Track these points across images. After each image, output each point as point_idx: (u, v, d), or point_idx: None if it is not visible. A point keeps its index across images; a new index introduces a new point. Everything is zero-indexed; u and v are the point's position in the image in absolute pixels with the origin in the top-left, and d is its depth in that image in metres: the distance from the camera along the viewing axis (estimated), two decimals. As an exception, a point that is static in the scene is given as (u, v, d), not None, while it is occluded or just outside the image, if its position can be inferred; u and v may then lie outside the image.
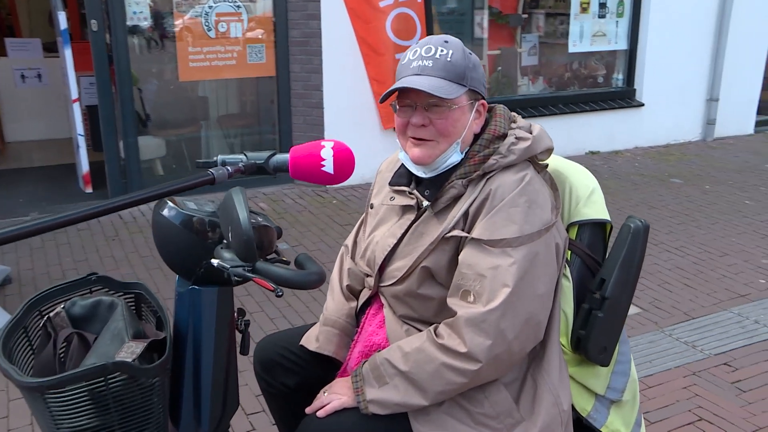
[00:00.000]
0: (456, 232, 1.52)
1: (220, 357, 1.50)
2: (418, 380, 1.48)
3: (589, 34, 6.83)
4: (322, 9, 5.37)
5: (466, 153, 1.58)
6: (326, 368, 1.80)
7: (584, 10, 6.75)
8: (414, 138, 1.57)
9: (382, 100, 1.66)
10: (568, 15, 6.72)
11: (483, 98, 1.61)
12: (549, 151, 1.61)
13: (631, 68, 7.07)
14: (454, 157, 1.57)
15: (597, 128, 6.84)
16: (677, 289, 3.86)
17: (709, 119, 7.49)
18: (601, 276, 1.62)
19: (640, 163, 6.68)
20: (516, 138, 1.56)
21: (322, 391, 1.62)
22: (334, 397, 1.57)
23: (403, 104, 1.57)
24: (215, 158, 1.46)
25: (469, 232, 1.50)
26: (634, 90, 7.09)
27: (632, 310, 3.58)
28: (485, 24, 6.56)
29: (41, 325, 1.49)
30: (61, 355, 1.45)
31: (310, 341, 1.80)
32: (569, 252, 1.66)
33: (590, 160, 6.65)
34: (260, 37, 5.60)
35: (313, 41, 5.45)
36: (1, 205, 5.25)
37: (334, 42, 5.39)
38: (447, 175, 1.58)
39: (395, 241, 1.64)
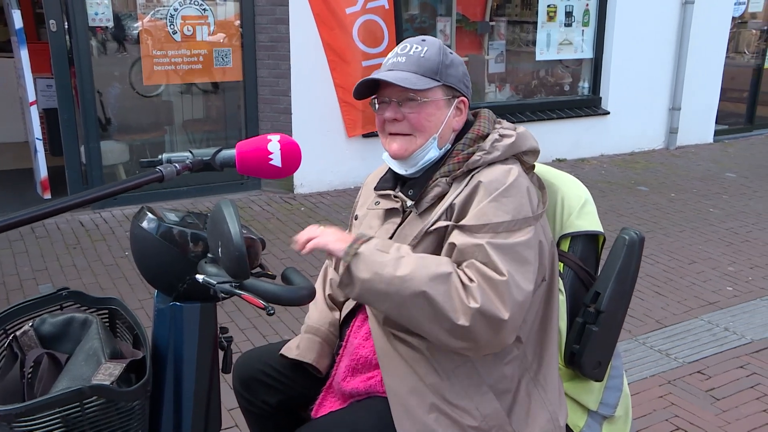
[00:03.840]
0: (439, 224, 1.49)
1: (203, 376, 1.42)
2: (418, 264, 1.39)
3: (555, 42, 6.88)
4: (290, 13, 5.29)
5: (449, 151, 1.58)
6: (309, 385, 1.73)
7: (551, 18, 6.80)
8: (391, 133, 1.58)
9: (359, 98, 1.63)
10: (535, 23, 6.76)
11: (464, 96, 1.60)
12: (534, 152, 1.60)
13: (597, 77, 7.15)
14: (432, 152, 1.57)
15: (563, 136, 6.89)
16: (648, 297, 3.88)
17: (672, 128, 7.61)
18: (596, 289, 1.59)
19: (606, 170, 6.74)
20: (500, 135, 1.56)
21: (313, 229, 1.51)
22: (326, 238, 1.46)
23: (380, 101, 1.59)
24: (160, 157, 1.40)
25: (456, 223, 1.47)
26: (600, 98, 7.17)
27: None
28: (451, 31, 6.55)
29: (6, 344, 1.40)
30: (29, 378, 1.35)
31: (291, 349, 1.75)
32: (561, 264, 1.62)
33: (557, 167, 6.55)
34: (227, 41, 5.49)
35: (281, 46, 5.37)
36: (-46, 212, 5.05)
37: (303, 47, 5.32)
38: (430, 174, 1.57)
39: None
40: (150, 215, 1.37)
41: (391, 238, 1.58)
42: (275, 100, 5.53)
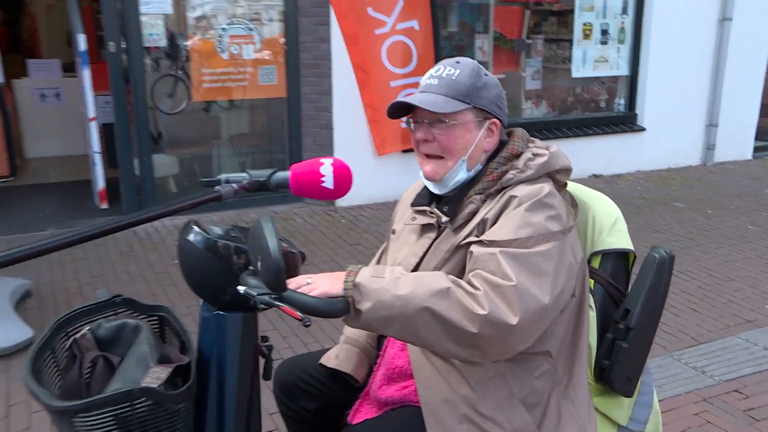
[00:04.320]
0: (470, 239, 1.49)
1: (244, 382, 1.46)
2: (415, 283, 1.37)
3: (591, 59, 6.84)
4: (332, 33, 5.37)
5: (483, 170, 1.59)
6: (346, 393, 1.76)
7: (586, 36, 6.77)
8: (425, 154, 1.60)
9: (393, 118, 1.66)
10: (571, 41, 6.73)
11: (496, 118, 1.60)
12: (567, 171, 1.60)
13: (633, 93, 7.07)
14: (461, 174, 1.58)
15: (599, 152, 6.83)
16: (684, 314, 3.81)
17: (709, 144, 7.47)
18: (626, 306, 1.59)
19: (642, 186, 6.65)
20: (533, 154, 1.57)
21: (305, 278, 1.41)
22: (322, 287, 1.37)
23: (414, 121, 1.61)
24: (218, 177, 1.45)
25: None
26: (636, 115, 7.08)
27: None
28: (488, 48, 6.57)
29: (68, 346, 1.46)
30: (87, 378, 1.41)
31: (330, 359, 1.78)
32: (592, 281, 1.62)
33: (593, 183, 6.63)
34: (272, 59, 5.60)
35: (323, 64, 5.45)
36: (19, 220, 5.24)
37: (344, 65, 5.38)
38: (465, 191, 1.58)
39: (417, 260, 1.61)
40: (196, 229, 1.42)
41: (426, 252, 1.61)
42: (317, 116, 5.61)
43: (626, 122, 7.05)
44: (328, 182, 1.45)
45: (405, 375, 1.63)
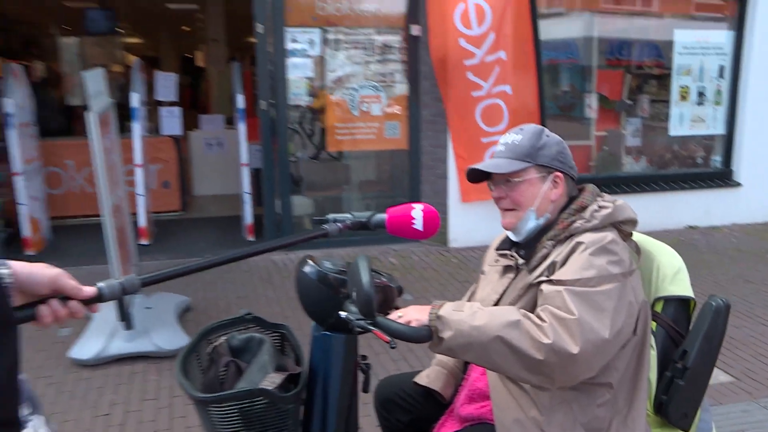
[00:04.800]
0: (541, 279, 1.56)
1: (345, 392, 1.59)
2: (490, 316, 1.45)
3: (688, 119, 6.60)
4: (450, 94, 5.54)
5: (555, 220, 1.66)
6: (435, 409, 1.85)
7: (683, 98, 6.55)
8: (502, 208, 1.71)
9: (474, 182, 1.76)
10: (668, 102, 6.56)
11: (559, 171, 1.67)
12: (632, 222, 1.63)
13: (729, 151, 6.72)
14: (531, 222, 1.67)
15: (695, 205, 6.52)
16: (774, 362, 3.58)
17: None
18: (684, 348, 1.59)
19: (737, 238, 6.25)
20: (599, 206, 1.62)
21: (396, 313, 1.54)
22: (410, 315, 1.51)
23: (493, 183, 1.73)
24: (327, 216, 1.56)
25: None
26: (731, 171, 6.72)
27: (724, 377, 3.35)
28: (594, 107, 6.53)
29: (208, 351, 1.67)
30: (221, 377, 1.61)
31: (422, 378, 1.89)
32: (654, 324, 1.64)
33: (689, 234, 6.31)
34: (396, 116, 5.85)
35: (440, 120, 5.62)
36: (185, 247, 5.74)
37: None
38: (539, 238, 1.66)
39: (497, 297, 1.70)
40: (311, 263, 1.58)
41: (505, 290, 1.69)
42: (434, 166, 5.78)
43: (722, 178, 6.70)
44: (418, 224, 1.55)
45: (484, 396, 1.70)
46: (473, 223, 5.68)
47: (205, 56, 12.41)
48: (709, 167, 6.91)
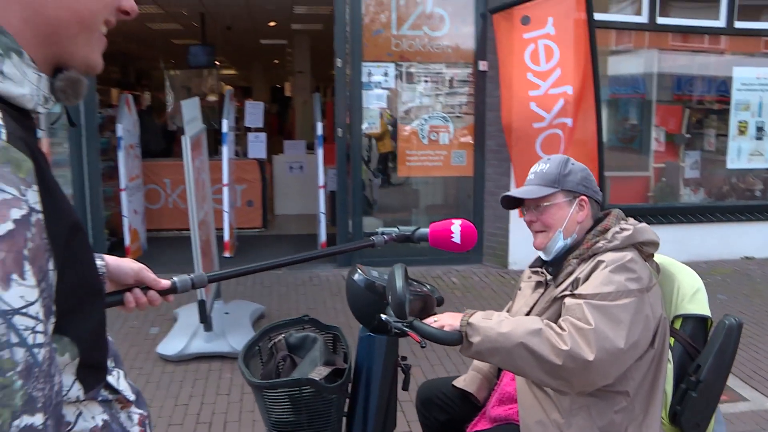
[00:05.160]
0: (565, 293, 1.65)
1: (385, 389, 1.71)
2: (516, 324, 1.54)
3: (746, 153, 6.40)
4: (513, 124, 5.61)
5: (581, 241, 1.74)
6: (469, 410, 1.95)
7: (741, 132, 6.37)
8: (533, 231, 1.81)
9: (508, 209, 1.87)
10: (727, 136, 6.40)
11: (584, 195, 1.76)
12: (653, 244, 1.69)
13: (786, 184, 6.45)
14: (560, 242, 1.75)
15: (753, 236, 6.25)
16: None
17: None
18: (698, 362, 1.63)
19: (797, 269, 5.93)
20: (620, 228, 1.70)
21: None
22: (444, 320, 1.61)
23: (525, 208, 1.83)
24: (376, 230, 1.66)
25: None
26: (789, 203, 6.44)
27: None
28: (653, 140, 6.43)
29: (269, 346, 1.83)
30: (279, 369, 1.76)
31: (459, 381, 1.99)
32: (672, 339, 1.68)
33: (745, 264, 6.03)
34: (462, 145, 5.95)
35: (504, 150, 5.67)
36: (264, 260, 5.96)
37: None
38: (566, 256, 1.75)
39: (528, 309, 1.80)
40: (359, 272, 1.72)
41: (535, 303, 1.78)
42: (497, 192, 5.81)
43: (780, 210, 6.44)
44: (456, 238, 1.63)
45: (512, 399, 1.79)
46: (532, 247, 5.66)
47: (292, 87, 13.00)
48: (766, 200, 6.66)
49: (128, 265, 1.18)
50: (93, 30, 0.78)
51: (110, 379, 0.86)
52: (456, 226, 1.64)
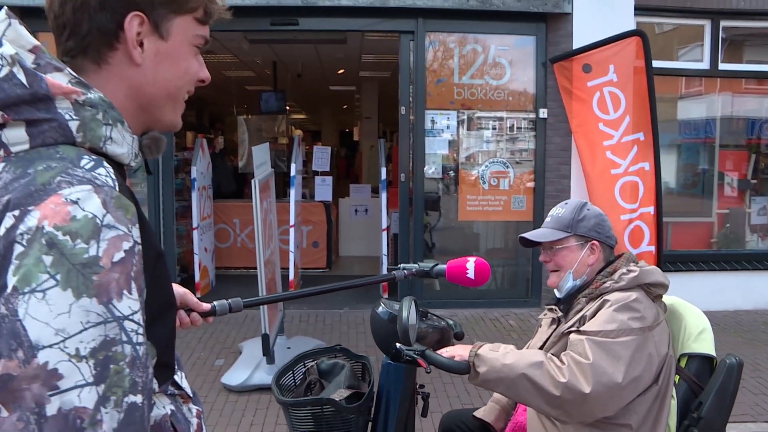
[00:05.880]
0: (571, 329, 1.79)
1: (403, 413, 1.87)
2: (519, 357, 1.68)
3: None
4: (572, 171, 5.71)
5: (591, 281, 1.88)
6: (488, 438, 2.10)
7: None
8: (548, 270, 1.97)
9: (526, 246, 2.03)
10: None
11: (596, 240, 1.90)
12: (661, 285, 1.81)
13: None
14: (570, 282, 1.90)
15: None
16: None
17: None
18: (700, 399, 1.72)
19: None
20: (627, 270, 1.83)
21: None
22: (454, 351, 1.77)
23: (542, 247, 1.98)
24: (399, 266, 1.81)
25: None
26: None
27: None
28: (716, 184, 6.34)
29: (303, 371, 2.05)
30: (309, 391, 1.97)
31: (479, 412, 2.15)
32: (677, 377, 1.78)
33: None
34: (522, 190, 6.08)
35: (563, 195, 5.75)
36: (328, 301, 6.24)
37: (580, 196, 5.62)
38: (576, 295, 1.90)
39: (542, 343, 1.96)
40: (383, 305, 1.92)
41: (548, 338, 1.93)
42: (557, 237, 5.87)
43: None
44: (471, 274, 1.76)
45: (523, 428, 1.93)
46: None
47: (360, 131, 13.52)
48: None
49: (175, 289, 1.42)
50: (178, 101, 1.00)
51: (175, 377, 1.05)
52: (471, 263, 1.79)
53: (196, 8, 0.97)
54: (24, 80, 0.81)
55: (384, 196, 6.32)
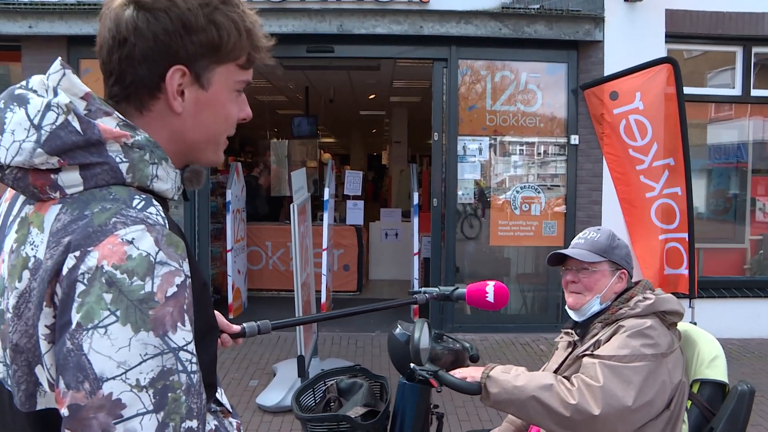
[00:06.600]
0: (585, 352, 1.87)
1: (417, 430, 1.98)
2: (530, 379, 1.77)
3: None
4: (603, 197, 5.76)
5: (609, 306, 1.96)
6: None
7: None
8: (570, 291, 2.03)
9: (552, 265, 2.11)
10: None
11: (626, 269, 1.99)
12: (675, 313, 1.89)
13: None
14: (595, 306, 1.98)
15: None
16: None
17: None
18: (711, 425, 1.79)
19: None
20: (643, 297, 1.92)
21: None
22: (467, 372, 1.85)
23: (566, 268, 2.06)
24: (419, 289, 1.90)
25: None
26: None
27: None
28: (748, 211, 6.30)
29: (323, 389, 2.17)
30: (328, 408, 2.09)
31: (494, 431, 2.22)
32: (689, 402, 1.85)
33: None
34: (553, 215, 6.14)
35: (594, 221, 5.80)
36: (357, 322, 6.33)
37: (611, 224, 5.64)
38: (593, 320, 1.98)
39: (557, 366, 2.04)
40: (400, 327, 2.03)
41: (564, 361, 2.01)
42: (589, 264, 5.89)
43: None
44: (490, 297, 1.83)
45: (535, 447, 2.01)
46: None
47: (389, 155, 13.71)
48: None
49: None
50: (219, 144, 1.05)
51: (216, 395, 1.14)
52: (490, 287, 1.87)
53: (239, 56, 0.99)
54: (78, 127, 0.87)
55: (416, 220, 6.43)
